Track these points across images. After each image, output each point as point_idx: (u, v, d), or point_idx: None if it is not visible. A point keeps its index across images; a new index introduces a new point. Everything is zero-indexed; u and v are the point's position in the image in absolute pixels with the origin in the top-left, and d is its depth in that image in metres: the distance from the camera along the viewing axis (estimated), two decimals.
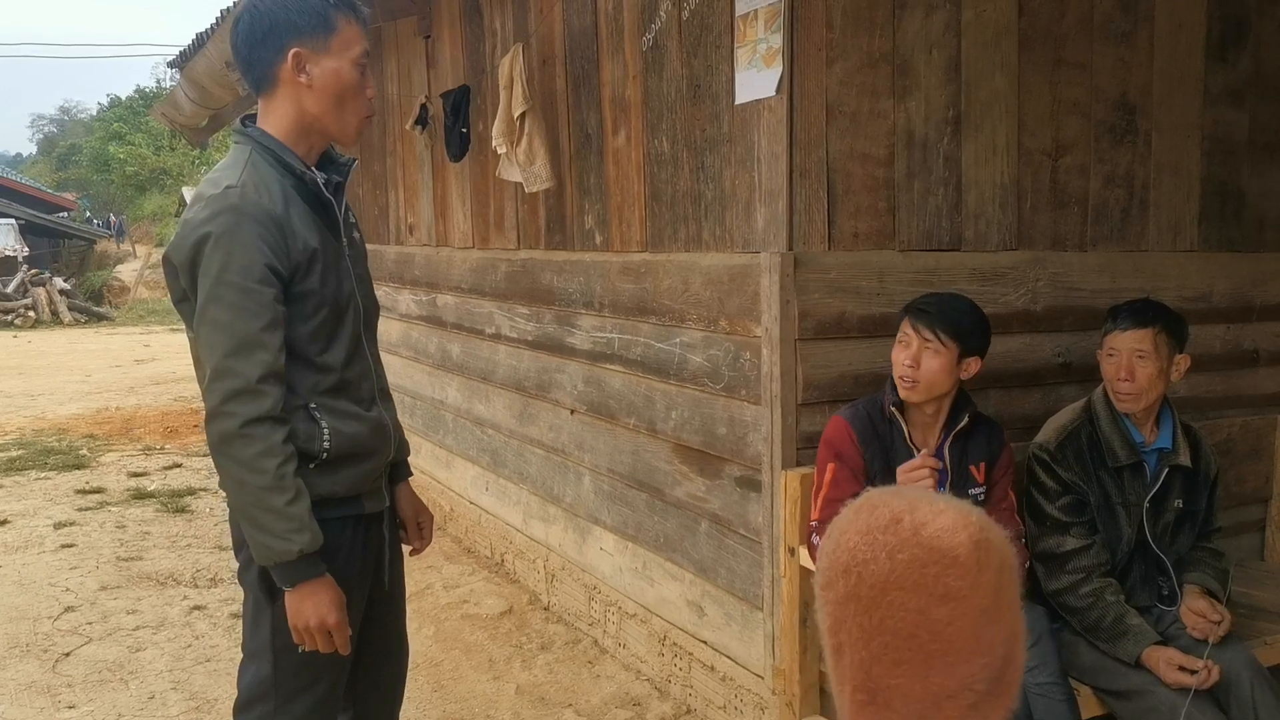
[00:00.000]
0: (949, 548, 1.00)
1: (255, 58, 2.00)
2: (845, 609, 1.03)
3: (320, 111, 2.01)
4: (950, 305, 2.60)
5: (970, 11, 3.00)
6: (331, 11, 2.00)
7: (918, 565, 1.00)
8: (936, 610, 0.99)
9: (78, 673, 3.87)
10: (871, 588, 1.01)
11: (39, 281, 22.18)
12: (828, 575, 1.06)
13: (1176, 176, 3.45)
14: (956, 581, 0.99)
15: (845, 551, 1.04)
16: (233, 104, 7.01)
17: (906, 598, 0.99)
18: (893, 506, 1.04)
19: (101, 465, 7.53)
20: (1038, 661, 2.43)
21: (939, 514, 1.02)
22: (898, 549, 1.00)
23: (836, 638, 1.04)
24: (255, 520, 1.90)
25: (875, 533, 1.02)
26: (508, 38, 4.42)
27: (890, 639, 1.00)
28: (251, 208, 1.89)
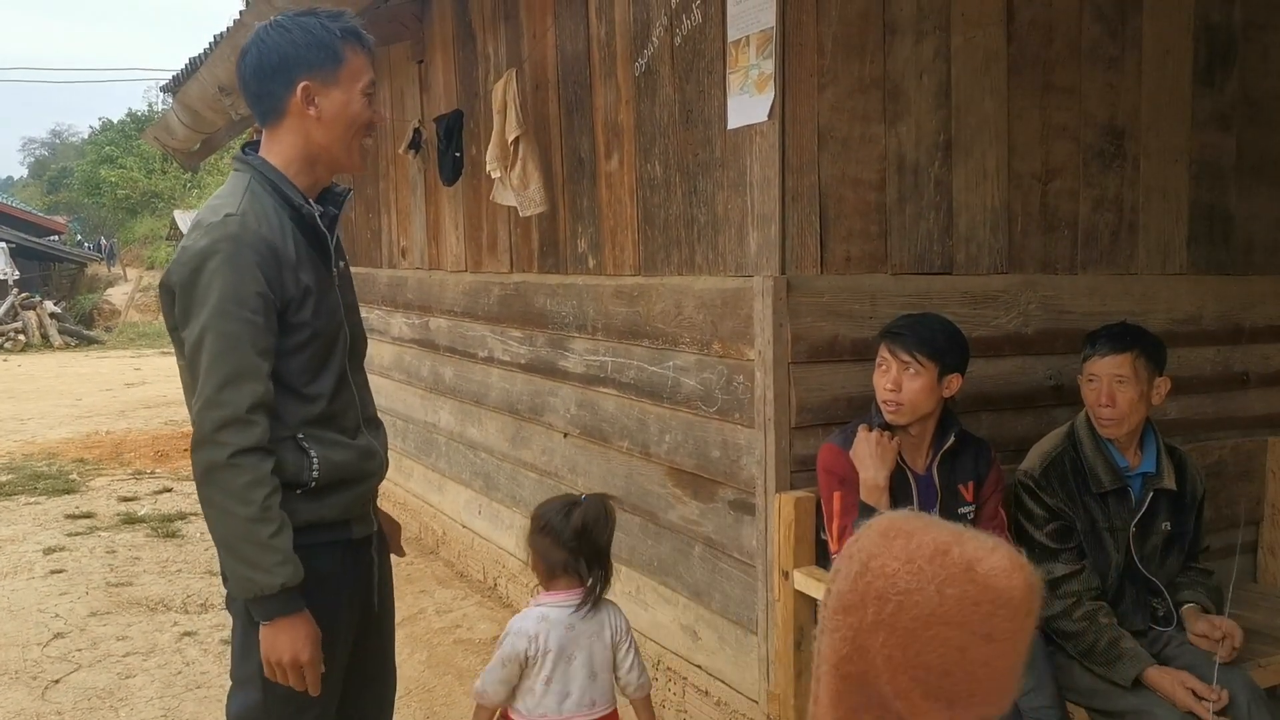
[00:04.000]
0: (1005, 589, 0.97)
1: (264, 91, 2.00)
2: (873, 637, 0.99)
3: (328, 142, 2.02)
4: (924, 325, 2.61)
5: (960, 37, 3.03)
6: (339, 43, 2.00)
7: (969, 602, 0.97)
8: (978, 650, 0.97)
9: (67, 700, 3.84)
10: (914, 619, 0.97)
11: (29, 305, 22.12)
12: (851, 599, 1.01)
13: (1165, 200, 3.48)
14: (1005, 624, 0.97)
15: (882, 578, 1.00)
16: (225, 128, 7.03)
17: (951, 634, 0.96)
18: (935, 537, 1.01)
19: (91, 490, 7.49)
20: (1033, 685, 2.43)
21: (991, 552, 0.99)
22: (947, 583, 0.97)
23: (852, 666, 1.01)
24: (238, 552, 1.88)
25: (920, 562, 0.99)
26: (500, 63, 4.45)
27: (924, 674, 0.98)
28: (251, 236, 1.89)
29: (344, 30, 2.02)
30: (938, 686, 0.98)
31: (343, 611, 2.09)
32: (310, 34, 1.98)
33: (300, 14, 2.02)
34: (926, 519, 1.06)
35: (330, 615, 2.05)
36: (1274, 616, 3.20)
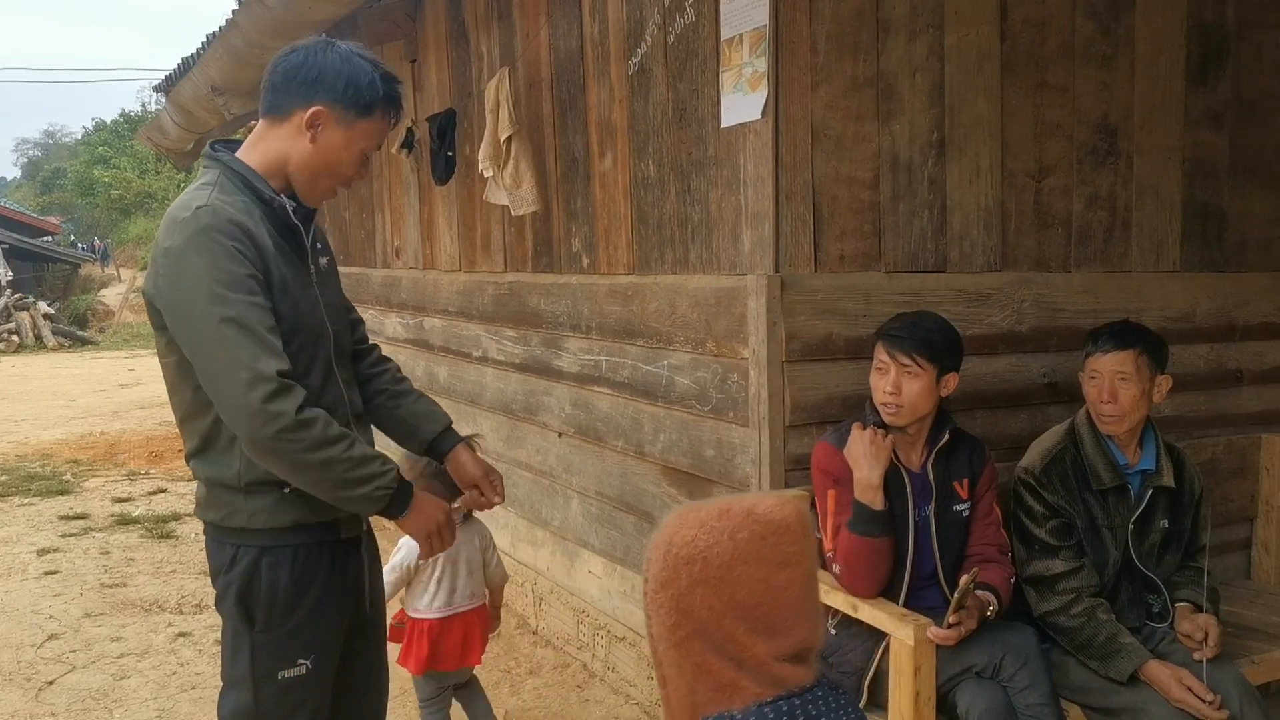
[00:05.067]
0: (781, 519, 1.15)
1: (285, 88, 2.00)
2: (693, 596, 1.14)
3: (304, 167, 2.02)
4: (921, 326, 2.61)
5: (953, 36, 3.03)
6: (375, 99, 2.02)
7: (758, 539, 1.14)
8: (777, 576, 1.14)
9: (61, 702, 3.83)
10: (720, 568, 1.13)
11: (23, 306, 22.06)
12: (665, 574, 1.16)
13: (1158, 198, 3.48)
14: (790, 548, 1.15)
15: (685, 546, 1.15)
16: (218, 128, 7.02)
17: (752, 569, 1.13)
18: (717, 501, 1.18)
19: (85, 491, 7.47)
20: (1028, 682, 2.43)
21: (762, 497, 1.18)
22: (737, 530, 1.14)
23: (683, 630, 1.15)
24: (351, 481, 1.92)
25: (710, 522, 1.15)
26: (494, 62, 4.44)
27: (742, 611, 1.13)
28: (224, 225, 1.88)
29: (387, 93, 2.04)
30: (755, 618, 1.13)
31: (332, 611, 2.09)
32: (357, 74, 1.99)
33: (362, 54, 2.03)
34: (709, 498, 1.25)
35: (320, 615, 2.05)
36: (1267, 613, 3.21)
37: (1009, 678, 2.43)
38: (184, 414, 2.04)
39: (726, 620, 1.13)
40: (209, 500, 2.05)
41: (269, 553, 2.01)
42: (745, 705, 1.14)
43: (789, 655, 1.15)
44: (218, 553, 2.07)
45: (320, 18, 4.35)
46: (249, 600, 2.01)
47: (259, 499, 1.99)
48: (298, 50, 2.02)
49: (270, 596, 2.00)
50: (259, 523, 1.99)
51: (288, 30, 4.53)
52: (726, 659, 1.14)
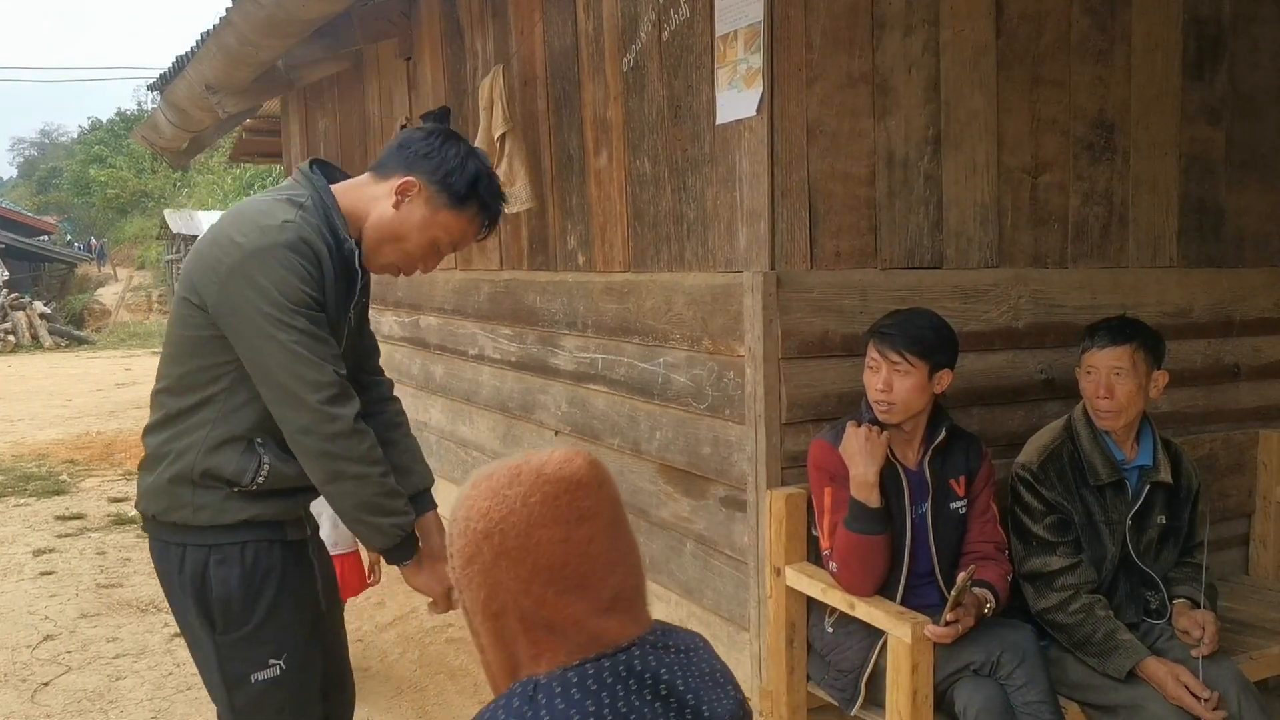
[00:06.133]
0: (571, 474, 1.13)
1: (398, 154, 2.07)
2: (498, 569, 1.13)
3: (374, 227, 2.07)
4: (913, 323, 2.60)
5: (948, 31, 3.02)
6: (470, 199, 2.07)
7: (550, 499, 1.12)
8: (577, 533, 1.12)
9: (57, 703, 3.82)
10: (519, 536, 1.11)
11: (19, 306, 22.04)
12: (468, 550, 1.14)
13: (1155, 193, 3.47)
14: (586, 502, 1.13)
15: (481, 519, 1.13)
16: (213, 126, 7.00)
17: (550, 532, 1.11)
18: (506, 465, 1.16)
19: (82, 491, 7.46)
20: (1026, 679, 2.42)
21: (550, 455, 1.16)
22: (529, 494, 1.12)
23: (494, 604, 1.14)
24: (380, 507, 1.99)
25: (502, 490, 1.13)
26: (488, 59, 4.43)
27: (548, 575, 1.11)
28: (304, 248, 1.93)
29: (485, 200, 2.09)
30: (563, 578, 1.12)
31: (292, 608, 2.08)
32: (465, 169, 2.05)
33: (483, 160, 2.11)
34: (500, 460, 1.20)
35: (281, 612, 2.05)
36: (1265, 609, 3.21)
37: (1007, 675, 2.42)
38: (170, 385, 2.03)
39: (534, 587, 1.12)
40: (154, 489, 2.03)
41: (216, 550, 2.00)
42: (552, 668, 1.13)
43: (606, 608, 1.14)
44: (163, 554, 2.06)
45: (313, 15, 4.33)
46: (205, 602, 2.00)
47: (206, 494, 1.99)
48: (426, 128, 2.11)
49: (224, 596, 1.99)
50: (203, 519, 1.99)
51: (282, 28, 4.51)
52: (540, 625, 1.13)
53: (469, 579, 1.16)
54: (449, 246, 2.13)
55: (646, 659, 1.16)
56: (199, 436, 1.98)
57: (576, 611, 1.13)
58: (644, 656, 1.16)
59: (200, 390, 1.99)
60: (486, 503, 1.14)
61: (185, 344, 2.00)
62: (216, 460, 1.97)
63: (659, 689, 1.15)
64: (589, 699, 1.11)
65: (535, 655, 1.14)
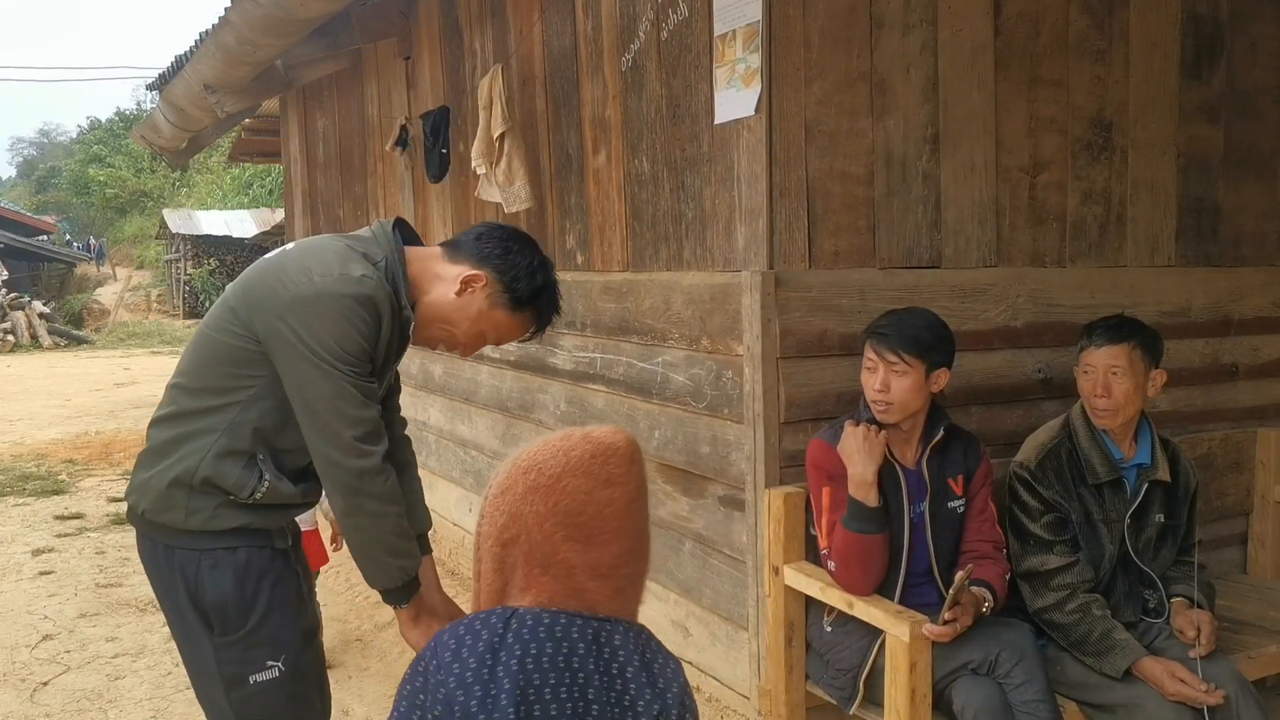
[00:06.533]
0: (612, 443, 1.30)
1: (474, 246, 2.13)
2: (524, 502, 1.28)
3: (431, 305, 2.12)
4: (908, 323, 2.60)
5: (946, 31, 3.03)
6: (529, 305, 2.14)
7: (588, 456, 1.28)
8: (600, 492, 1.27)
9: (56, 702, 3.82)
10: (550, 477, 1.27)
11: (18, 305, 22.03)
12: (506, 482, 1.30)
13: (1153, 193, 3.48)
14: (616, 469, 1.28)
15: (527, 458, 1.30)
16: (211, 126, 7.00)
17: (579, 482, 1.27)
18: (566, 431, 1.34)
19: (81, 490, 7.46)
20: (1024, 678, 2.42)
21: (601, 426, 1.33)
22: (572, 448, 1.29)
23: (509, 531, 1.28)
24: (393, 547, 2.03)
25: (553, 442, 1.31)
26: (487, 59, 4.43)
27: (563, 518, 1.26)
28: (371, 306, 1.97)
29: (543, 310, 2.17)
30: (574, 525, 1.26)
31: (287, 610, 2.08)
32: (534, 278, 2.13)
33: (551, 273, 2.18)
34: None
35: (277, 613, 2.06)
36: (1264, 608, 3.21)
37: (1005, 674, 2.43)
38: (188, 382, 2.04)
39: (547, 524, 1.26)
40: (148, 486, 2.03)
41: (207, 555, 2.01)
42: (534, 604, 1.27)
43: (600, 570, 1.27)
44: (151, 552, 2.07)
45: (312, 15, 4.33)
46: (201, 605, 2.01)
47: (202, 500, 1.99)
48: (507, 229, 2.18)
49: (220, 599, 2.00)
50: (195, 523, 1.99)
51: (280, 27, 4.51)
52: (539, 561, 1.27)
53: (496, 507, 1.29)
54: (494, 341, 2.19)
55: (614, 638, 1.29)
56: (205, 443, 1.99)
57: (573, 559, 1.26)
58: (611, 635, 1.29)
59: (217, 395, 2.00)
60: (535, 448, 1.30)
61: (218, 348, 2.02)
62: (218, 470, 1.98)
63: (611, 667, 1.27)
64: (550, 642, 1.24)
65: (524, 588, 1.27)
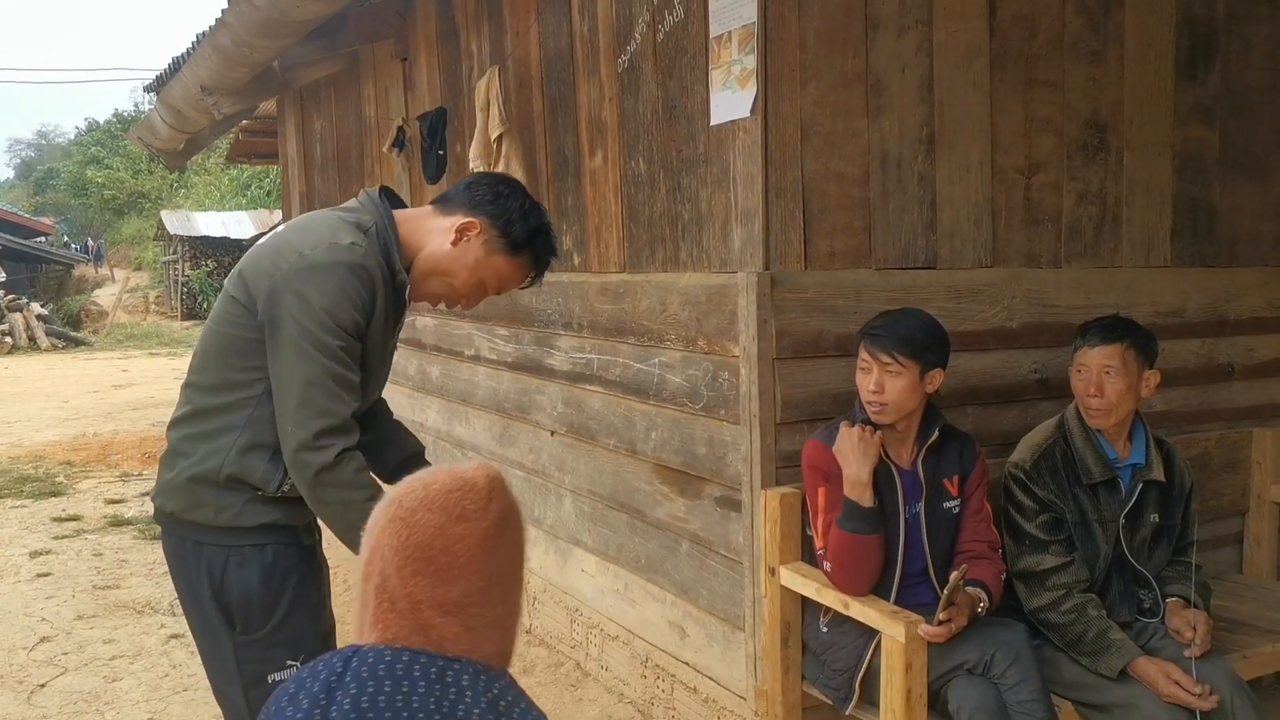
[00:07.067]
0: (470, 478, 1.27)
1: (465, 195, 2.15)
2: (383, 535, 1.25)
3: (427, 259, 2.12)
4: (902, 324, 2.61)
5: (942, 32, 3.03)
6: (530, 249, 2.15)
7: (444, 491, 1.25)
8: (452, 528, 1.24)
9: (53, 704, 3.82)
10: (407, 510, 1.24)
11: (16, 307, 22.00)
12: (376, 515, 1.28)
13: (1148, 193, 3.48)
14: (471, 505, 1.25)
15: (394, 492, 1.28)
16: (209, 127, 7.00)
17: (431, 516, 1.23)
18: (438, 465, 1.34)
19: (78, 492, 7.46)
20: (1019, 678, 2.43)
21: (469, 462, 1.32)
22: (433, 482, 1.26)
23: (370, 566, 1.26)
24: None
25: (420, 476, 1.29)
26: (484, 60, 4.43)
27: (413, 551, 1.23)
28: (362, 272, 1.98)
29: (540, 253, 2.18)
30: (423, 559, 1.22)
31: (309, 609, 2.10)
32: (524, 218, 2.13)
33: (545, 213, 2.20)
34: None
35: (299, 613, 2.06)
36: (1260, 608, 3.22)
37: (1000, 674, 2.43)
38: (202, 381, 2.06)
39: (398, 557, 1.23)
40: (173, 487, 2.05)
41: (235, 552, 2.02)
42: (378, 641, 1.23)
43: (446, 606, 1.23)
44: (178, 550, 2.08)
45: (307, 16, 4.32)
46: (225, 602, 2.01)
47: (230, 496, 2.00)
48: (496, 176, 2.20)
49: (245, 597, 2.01)
50: (224, 520, 2.00)
51: (276, 29, 4.51)
52: (386, 596, 1.24)
53: (364, 541, 1.28)
54: (494, 289, 2.19)
55: (461, 678, 1.22)
56: (227, 441, 2.00)
57: (419, 593, 1.22)
58: (459, 675, 1.22)
59: (232, 391, 2.01)
60: (406, 482, 1.28)
61: (225, 342, 2.03)
62: (244, 465, 1.99)
63: (457, 710, 1.19)
64: (390, 680, 1.20)
65: (373, 624, 1.25)
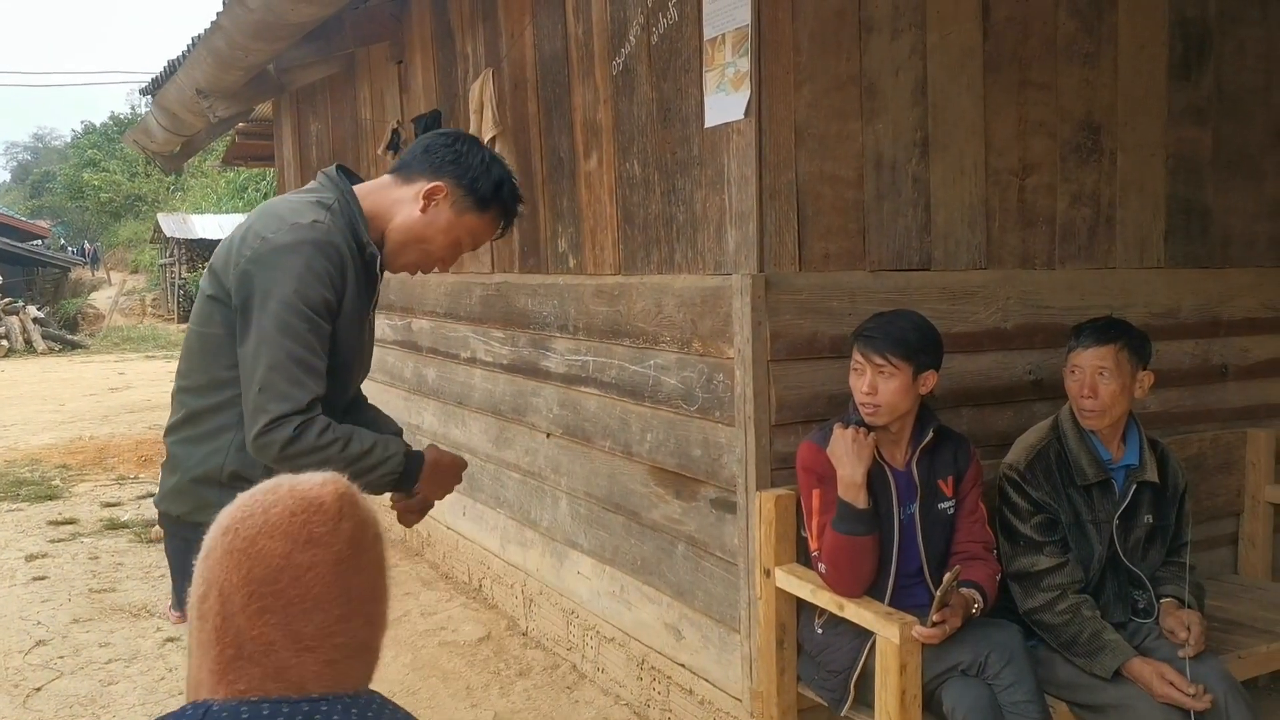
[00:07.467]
0: (315, 496, 1.11)
1: (423, 159, 2.13)
2: (220, 569, 1.09)
3: (399, 229, 2.12)
4: (895, 325, 2.61)
5: (935, 34, 3.04)
6: (498, 202, 2.15)
7: (288, 514, 1.09)
8: (300, 555, 1.08)
9: (49, 708, 3.81)
10: (245, 539, 1.08)
11: (12, 310, 21.97)
12: (209, 543, 1.12)
13: (1142, 194, 3.49)
14: (319, 528, 1.09)
15: (227, 515, 1.12)
16: (204, 130, 7.00)
17: (275, 544, 1.08)
18: (280, 478, 1.16)
19: (74, 496, 7.44)
20: (1013, 679, 2.43)
21: (312, 477, 1.15)
22: (273, 504, 1.10)
23: (206, 603, 1.09)
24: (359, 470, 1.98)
25: (257, 495, 1.12)
26: (479, 62, 4.44)
27: (257, 587, 1.07)
28: (329, 249, 1.97)
29: (507, 202, 2.17)
30: (270, 595, 1.07)
31: None
32: (488, 172, 2.13)
33: (503, 164, 2.19)
34: None
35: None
36: (1254, 608, 3.22)
37: (994, 675, 2.43)
38: (192, 384, 2.06)
39: (241, 594, 1.07)
40: (177, 490, 2.05)
41: None
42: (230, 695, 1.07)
43: (303, 643, 1.08)
44: (186, 553, 2.06)
45: (302, 19, 4.33)
46: None
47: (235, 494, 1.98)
48: (450, 133, 2.17)
49: None
50: None
51: (271, 32, 4.52)
52: (231, 642, 1.07)
53: (198, 571, 1.12)
54: (470, 246, 2.20)
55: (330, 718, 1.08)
56: (225, 439, 2.01)
57: (270, 634, 1.07)
58: (329, 716, 1.08)
59: (223, 390, 2.01)
60: (241, 503, 1.13)
61: (208, 343, 2.03)
62: (245, 460, 1.99)
63: None
64: None
65: (220, 674, 1.08)
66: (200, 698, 1.09)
